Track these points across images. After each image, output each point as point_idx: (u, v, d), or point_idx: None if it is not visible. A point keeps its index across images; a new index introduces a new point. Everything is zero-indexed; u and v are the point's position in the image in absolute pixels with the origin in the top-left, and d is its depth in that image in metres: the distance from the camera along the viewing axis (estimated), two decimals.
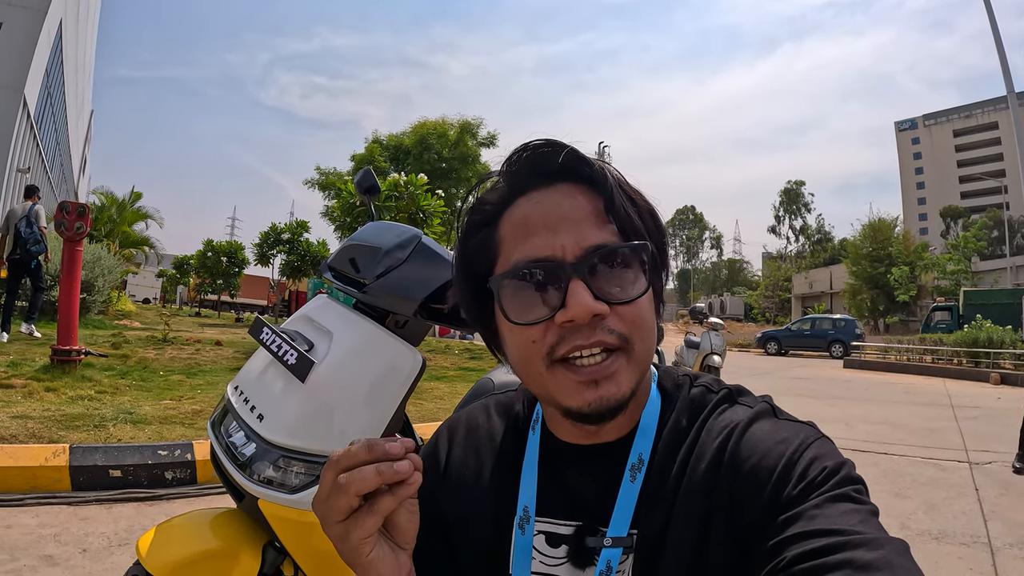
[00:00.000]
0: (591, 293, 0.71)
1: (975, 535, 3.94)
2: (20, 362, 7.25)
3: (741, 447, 0.73)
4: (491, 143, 34.58)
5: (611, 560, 0.75)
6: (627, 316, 0.73)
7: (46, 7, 24.04)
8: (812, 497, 0.64)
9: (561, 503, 0.83)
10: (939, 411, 9.81)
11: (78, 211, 6.45)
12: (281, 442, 1.47)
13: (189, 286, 47.14)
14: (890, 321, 43.41)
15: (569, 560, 0.80)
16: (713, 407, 0.81)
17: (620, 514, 0.77)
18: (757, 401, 0.82)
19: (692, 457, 0.76)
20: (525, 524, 0.83)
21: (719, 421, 0.78)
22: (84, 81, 48.82)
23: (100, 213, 27.39)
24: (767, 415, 0.78)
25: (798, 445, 0.70)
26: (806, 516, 0.62)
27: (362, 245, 1.76)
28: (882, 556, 0.56)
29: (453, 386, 8.59)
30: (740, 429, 0.75)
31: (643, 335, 0.75)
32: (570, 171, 0.76)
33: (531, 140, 0.78)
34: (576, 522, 0.81)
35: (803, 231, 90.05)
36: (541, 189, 0.78)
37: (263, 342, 1.61)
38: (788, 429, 0.74)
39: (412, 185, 12.96)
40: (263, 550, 1.56)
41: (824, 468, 0.66)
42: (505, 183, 0.81)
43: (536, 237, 0.75)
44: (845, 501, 0.63)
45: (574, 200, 0.76)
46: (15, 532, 3.24)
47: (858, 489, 0.65)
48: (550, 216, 0.75)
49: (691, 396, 0.83)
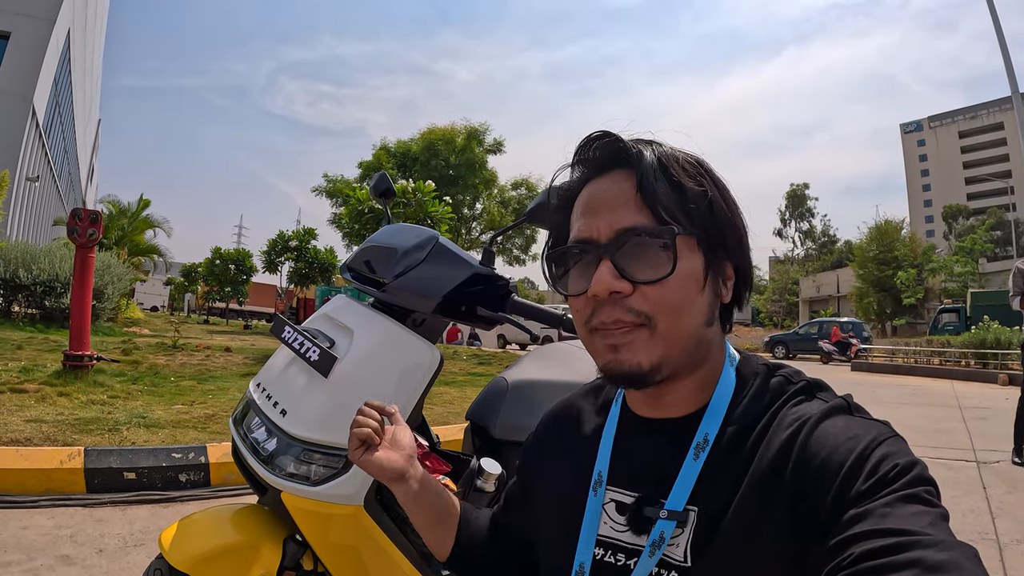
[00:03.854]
0: (616, 272, 0.78)
1: (983, 532, 3.94)
2: (32, 367, 7.31)
3: (811, 441, 0.73)
4: (498, 149, 34.62)
5: (664, 531, 0.78)
6: (651, 295, 0.77)
7: (54, 17, 24.22)
8: (881, 495, 0.64)
9: (630, 474, 0.88)
10: (947, 412, 9.78)
11: (91, 218, 6.49)
12: (304, 436, 1.50)
13: (197, 294, 47.35)
14: (897, 324, 43.22)
15: (630, 528, 0.84)
16: (789, 397, 0.82)
17: (679, 489, 0.80)
18: (834, 397, 0.82)
19: (761, 444, 0.77)
20: (598, 488, 0.89)
21: (793, 412, 0.79)
22: (92, 90, 49.10)
23: (110, 222, 27.51)
24: (842, 411, 0.78)
25: (870, 441, 0.70)
26: (875, 514, 0.62)
27: (380, 246, 1.79)
28: (951, 558, 0.55)
29: (463, 390, 8.61)
30: (813, 422, 0.75)
31: (669, 314, 0.78)
32: (618, 159, 0.83)
33: (592, 132, 0.86)
34: (639, 492, 0.86)
35: (809, 234, 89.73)
36: (600, 176, 0.85)
37: (285, 340, 1.64)
38: (860, 426, 0.74)
39: (420, 192, 13.02)
40: (284, 543, 1.59)
41: (896, 466, 0.66)
42: (578, 172, 0.90)
43: (583, 220, 0.84)
44: (915, 502, 0.63)
45: (620, 186, 0.82)
46: (31, 533, 3.27)
47: (929, 491, 0.65)
48: (595, 201, 0.84)
49: (768, 384, 0.85)
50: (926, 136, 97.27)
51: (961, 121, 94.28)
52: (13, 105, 22.34)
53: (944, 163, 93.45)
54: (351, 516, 1.52)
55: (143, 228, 30.64)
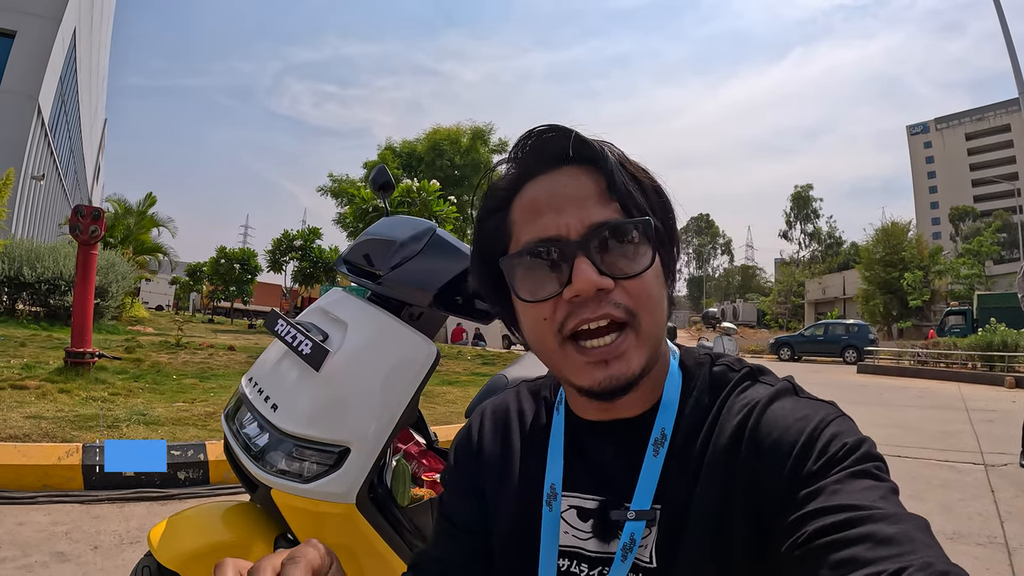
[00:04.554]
0: (596, 268, 0.73)
1: (991, 535, 3.89)
2: (34, 364, 7.31)
3: (762, 424, 0.73)
4: (503, 150, 34.79)
5: (634, 533, 0.76)
6: (633, 290, 0.75)
7: (60, 16, 24.29)
8: (832, 473, 0.64)
9: (587, 478, 0.85)
10: (954, 415, 9.73)
11: (92, 215, 6.49)
12: (295, 431, 1.46)
13: (202, 293, 47.51)
14: (903, 326, 43.09)
15: (595, 534, 0.81)
16: (735, 384, 0.81)
17: (643, 488, 0.78)
18: (778, 380, 0.82)
19: (714, 433, 0.77)
20: (552, 501, 0.84)
21: (740, 398, 0.78)
22: (98, 89, 49.29)
23: (116, 220, 27.58)
24: (788, 393, 0.78)
25: (819, 422, 0.70)
26: (826, 491, 0.62)
27: (377, 238, 1.76)
28: (902, 531, 0.56)
29: (466, 390, 8.60)
30: (761, 406, 0.75)
31: (650, 308, 0.76)
32: (574, 154, 0.78)
33: (536, 126, 0.81)
34: (601, 496, 0.82)
35: (814, 236, 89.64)
36: (548, 173, 0.80)
37: (278, 333, 1.61)
38: (809, 407, 0.74)
39: (425, 191, 13.05)
40: (275, 542, 1.56)
41: (844, 444, 0.66)
42: (514, 169, 0.84)
43: (543, 218, 0.78)
44: (865, 477, 0.63)
45: (578, 181, 0.78)
46: (27, 529, 3.25)
47: (879, 466, 0.65)
48: (555, 197, 0.78)
49: (713, 373, 0.84)
50: (933, 138, 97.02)
51: (968, 123, 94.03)
52: (18, 103, 22.40)
53: (951, 165, 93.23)
54: (343, 515, 1.49)
55: (149, 227, 30.69)
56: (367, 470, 1.49)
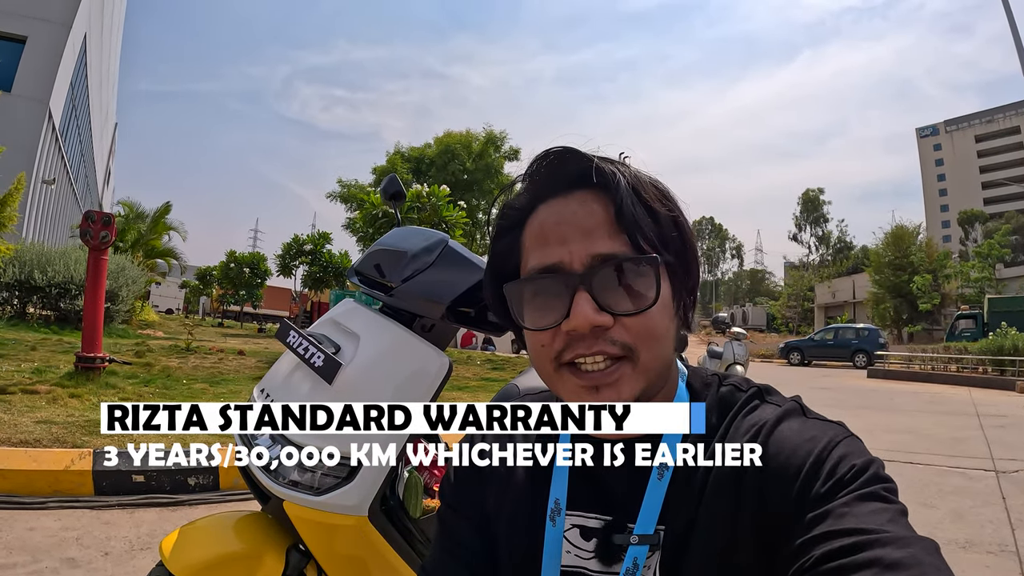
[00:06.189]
0: (595, 304, 0.72)
1: (1003, 543, 3.86)
2: (45, 368, 7.34)
3: (769, 445, 0.72)
4: (515, 156, 35.03)
5: (638, 557, 0.76)
6: (632, 327, 0.73)
7: (71, 21, 24.44)
8: (840, 495, 0.63)
9: (591, 497, 0.84)
10: (965, 420, 9.66)
11: (103, 220, 6.52)
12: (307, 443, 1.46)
13: (212, 297, 47.66)
14: (913, 330, 42.88)
15: (597, 555, 0.81)
16: (741, 405, 0.81)
17: (647, 511, 0.77)
18: (786, 400, 0.81)
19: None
20: (556, 516, 0.84)
21: (747, 420, 0.78)
22: (108, 94, 49.55)
23: (126, 224, 27.69)
24: (796, 414, 0.77)
25: (826, 443, 0.69)
26: (834, 515, 0.62)
27: (389, 250, 1.76)
28: (911, 554, 0.55)
29: (476, 396, 8.60)
30: (768, 428, 0.75)
31: (651, 345, 0.74)
32: (587, 178, 0.76)
33: (552, 147, 0.79)
34: (606, 517, 0.82)
35: (824, 240, 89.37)
36: (560, 196, 0.79)
37: (289, 345, 1.61)
38: (816, 428, 0.73)
39: (434, 196, 13.05)
40: (287, 553, 1.56)
41: (853, 466, 0.66)
42: (529, 189, 0.83)
43: (549, 246, 0.77)
44: (874, 500, 0.63)
45: (589, 208, 0.76)
46: (37, 534, 3.26)
47: (887, 488, 0.65)
48: (563, 225, 0.77)
49: (720, 395, 0.84)
50: (942, 140, 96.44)
51: (977, 125, 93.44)
52: (30, 108, 22.53)
53: (960, 168, 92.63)
54: (355, 527, 1.48)
55: (161, 232, 30.80)
56: (379, 482, 1.49)
